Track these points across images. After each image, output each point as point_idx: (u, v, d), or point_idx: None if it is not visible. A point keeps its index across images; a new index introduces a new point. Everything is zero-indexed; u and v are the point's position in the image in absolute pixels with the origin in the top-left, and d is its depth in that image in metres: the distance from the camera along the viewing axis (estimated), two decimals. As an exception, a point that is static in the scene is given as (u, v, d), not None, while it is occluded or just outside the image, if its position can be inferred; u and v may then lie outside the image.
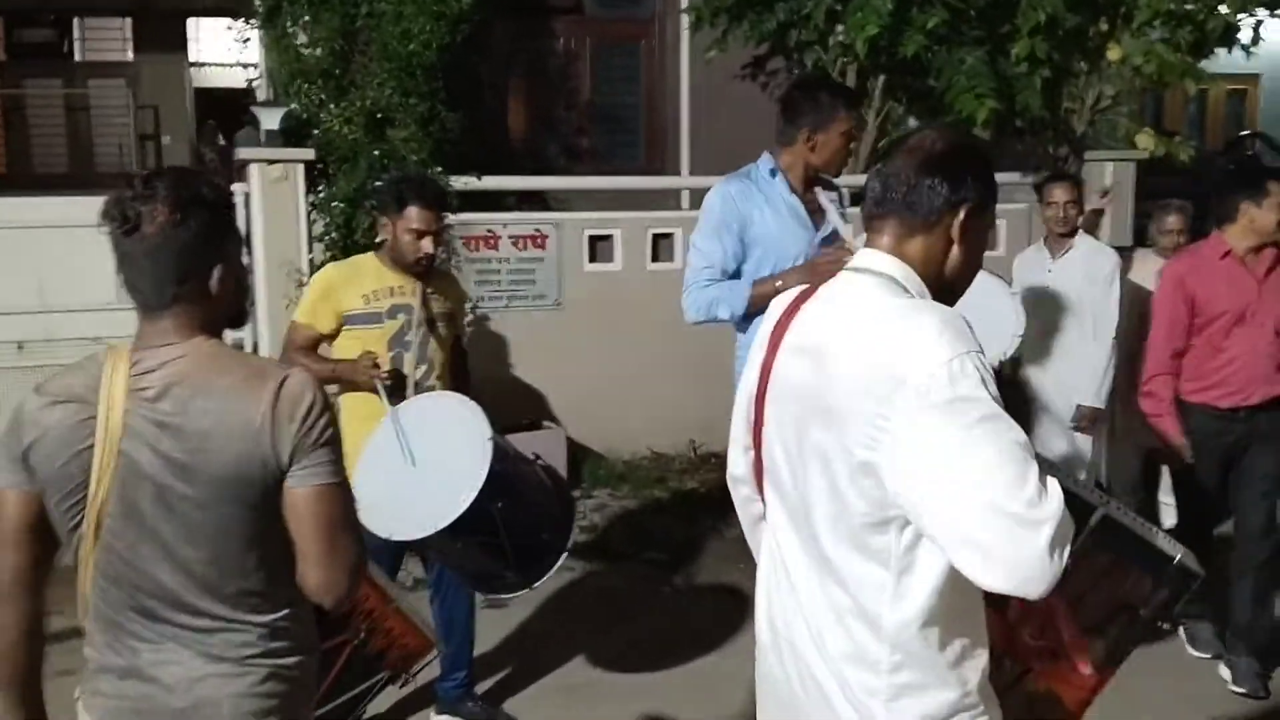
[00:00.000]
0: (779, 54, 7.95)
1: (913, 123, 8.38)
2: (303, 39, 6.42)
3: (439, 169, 6.27)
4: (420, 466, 3.39)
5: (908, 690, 1.73)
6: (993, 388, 1.63)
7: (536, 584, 3.54)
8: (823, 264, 3.36)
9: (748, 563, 5.56)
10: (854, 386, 1.68)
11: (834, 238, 3.54)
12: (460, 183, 6.32)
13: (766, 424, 1.90)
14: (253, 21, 6.91)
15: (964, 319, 1.69)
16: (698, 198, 8.24)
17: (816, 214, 3.59)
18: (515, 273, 6.59)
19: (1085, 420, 4.99)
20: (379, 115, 6.19)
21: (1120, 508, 2.10)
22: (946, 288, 1.85)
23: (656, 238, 6.97)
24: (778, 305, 1.96)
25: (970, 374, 1.61)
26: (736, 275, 3.52)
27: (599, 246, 6.87)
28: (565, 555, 3.52)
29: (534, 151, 9.06)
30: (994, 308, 3.50)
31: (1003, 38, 6.99)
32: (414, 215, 3.61)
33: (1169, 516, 5.03)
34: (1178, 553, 2.06)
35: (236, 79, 12.48)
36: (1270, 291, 4.14)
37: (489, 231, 6.53)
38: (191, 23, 13.36)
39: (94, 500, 1.81)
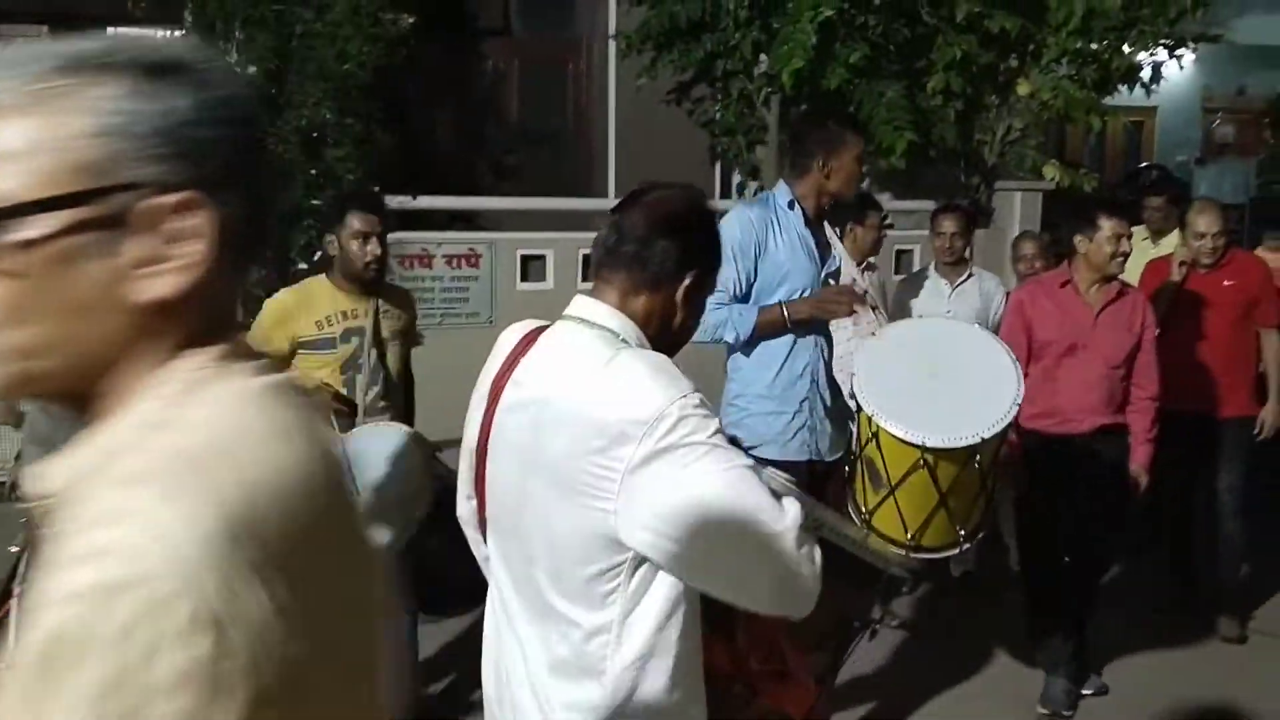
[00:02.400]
0: (704, 81, 8.18)
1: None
2: (236, 57, 6.46)
3: (375, 188, 6.35)
4: (365, 498, 3.43)
5: None
6: (713, 422, 1.65)
7: (477, 608, 3.62)
8: (830, 299, 3.49)
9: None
10: (573, 443, 1.67)
11: (837, 274, 3.68)
12: (395, 202, 6.40)
13: (488, 477, 1.88)
14: (184, 37, 6.92)
15: (670, 360, 1.72)
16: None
17: (823, 249, 3.68)
18: (449, 291, 6.70)
19: None
20: (314, 134, 6.26)
21: (833, 528, 2.18)
22: (666, 346, 1.84)
23: (587, 258, 7.12)
24: (499, 354, 1.91)
25: (689, 415, 1.62)
26: (742, 299, 3.53)
27: (530, 266, 7.00)
28: None
29: (463, 171, 9.16)
30: (994, 370, 3.56)
31: (919, 72, 7.31)
32: (356, 220, 3.67)
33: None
34: (888, 566, 2.20)
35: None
36: (1105, 326, 4.16)
37: (423, 250, 6.62)
38: (111, 33, 13.17)
39: None
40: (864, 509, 3.33)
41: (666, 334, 1.85)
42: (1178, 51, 7.89)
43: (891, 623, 4.72)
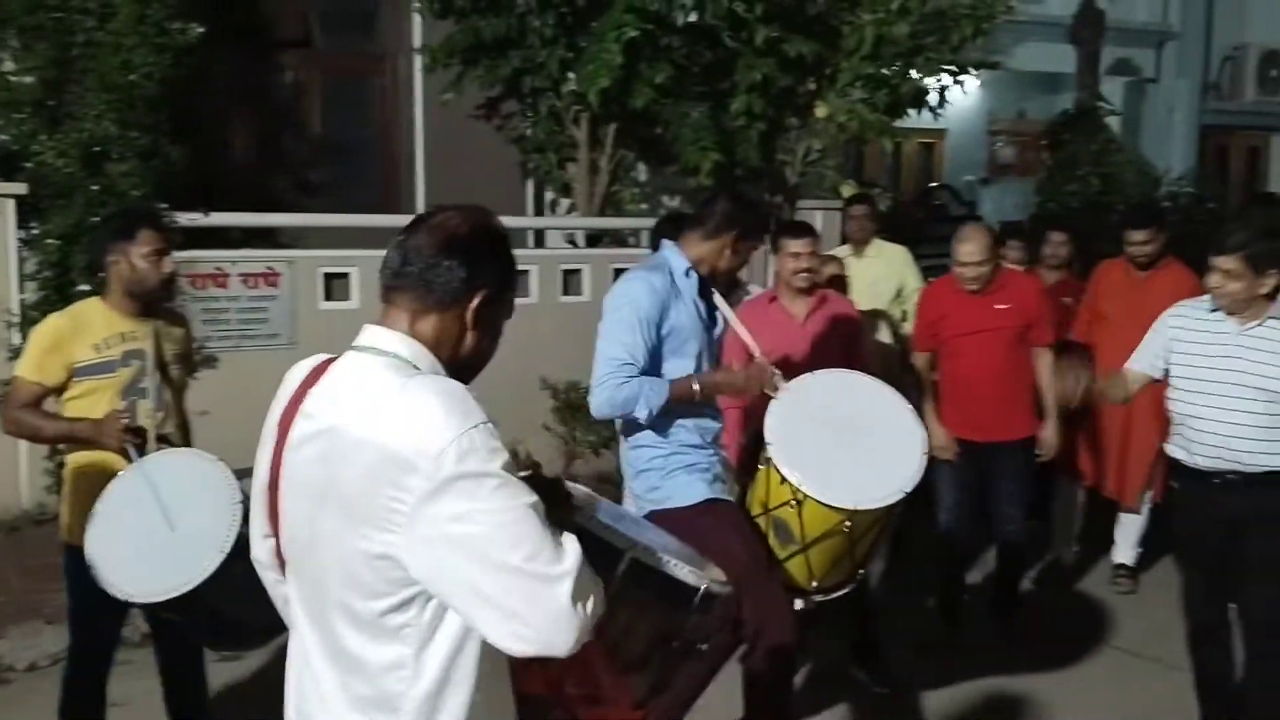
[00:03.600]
0: (513, 97, 8.16)
1: (643, 169, 8.79)
2: (10, 66, 6.07)
3: (163, 205, 6.06)
4: (165, 527, 3.24)
5: None
6: (501, 456, 1.66)
7: (269, 641, 3.48)
8: (740, 379, 3.54)
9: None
10: (364, 473, 1.66)
11: (723, 338, 3.68)
12: (186, 219, 6.14)
13: (282, 513, 1.84)
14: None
15: (465, 389, 1.71)
16: (434, 237, 8.32)
17: (711, 313, 3.66)
18: (246, 312, 6.43)
19: None
20: (96, 148, 5.91)
21: (648, 548, 2.17)
22: (461, 369, 1.84)
23: (394, 276, 6.97)
24: (286, 389, 1.87)
25: (477, 448, 1.62)
26: (645, 369, 3.43)
27: (334, 285, 6.80)
28: None
29: (260, 186, 8.83)
30: (896, 419, 3.58)
31: (723, 94, 7.47)
32: (148, 238, 3.49)
33: None
34: (702, 583, 2.19)
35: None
36: (812, 333, 4.45)
37: (217, 269, 6.35)
38: None
39: None
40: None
41: (458, 357, 1.84)
42: (961, 77, 8.30)
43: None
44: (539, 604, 1.61)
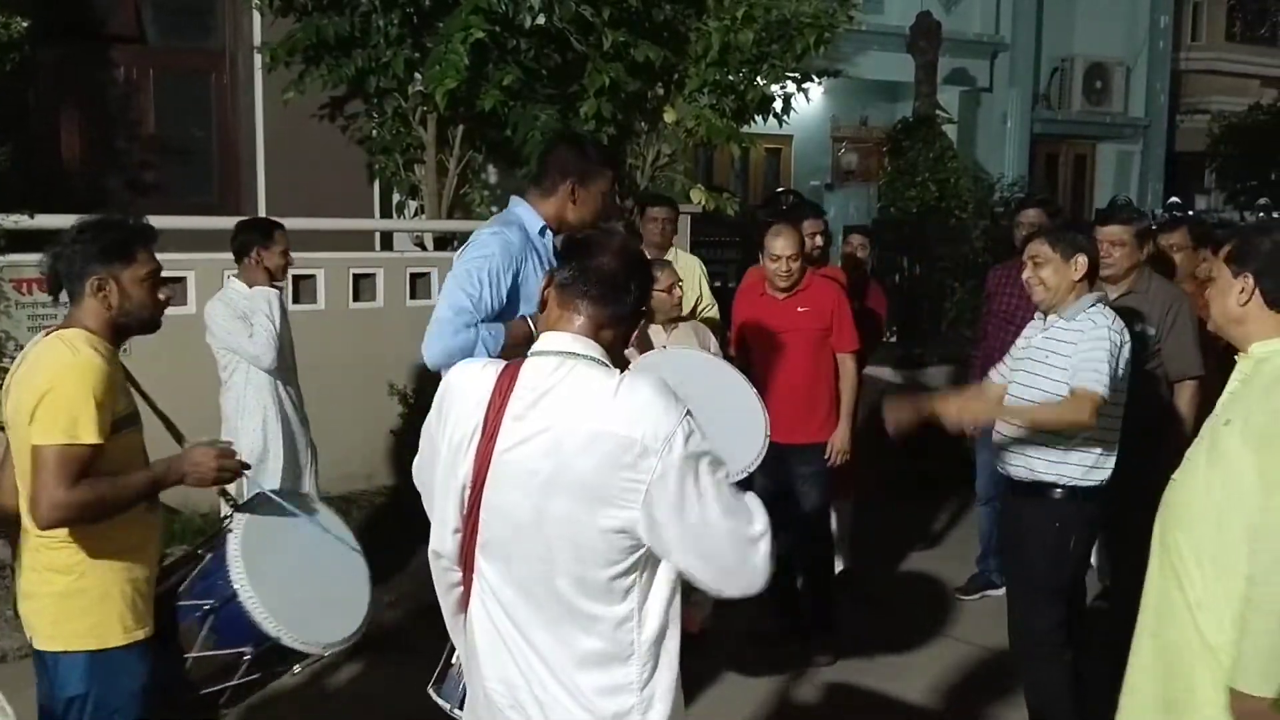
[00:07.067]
0: (358, 97, 8.01)
1: (492, 171, 8.73)
2: None
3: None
4: (310, 570, 3.08)
5: (655, 697, 2.06)
6: (702, 434, 1.98)
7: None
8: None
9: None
10: (601, 460, 1.94)
11: None
12: (10, 221, 5.84)
13: (489, 507, 2.04)
14: None
15: (665, 381, 2.03)
16: (277, 240, 8.10)
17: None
18: (75, 318, 6.14)
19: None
20: (-91, 146, 5.59)
21: None
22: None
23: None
24: (474, 395, 2.05)
25: (694, 430, 1.97)
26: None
27: (170, 288, 6.55)
28: None
29: (92, 187, 8.46)
30: (743, 409, 3.72)
31: (572, 97, 7.48)
32: (148, 258, 2.96)
33: None
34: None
35: None
36: None
37: (44, 273, 6.04)
38: None
39: None
40: None
41: (616, 362, 2.12)
42: (805, 85, 8.51)
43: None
44: (746, 559, 1.99)
